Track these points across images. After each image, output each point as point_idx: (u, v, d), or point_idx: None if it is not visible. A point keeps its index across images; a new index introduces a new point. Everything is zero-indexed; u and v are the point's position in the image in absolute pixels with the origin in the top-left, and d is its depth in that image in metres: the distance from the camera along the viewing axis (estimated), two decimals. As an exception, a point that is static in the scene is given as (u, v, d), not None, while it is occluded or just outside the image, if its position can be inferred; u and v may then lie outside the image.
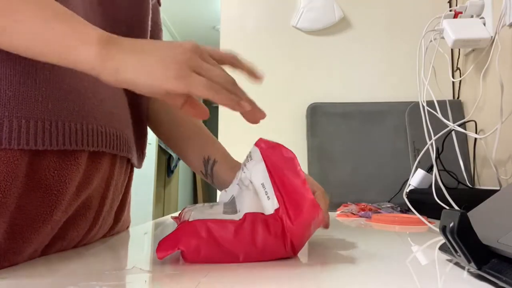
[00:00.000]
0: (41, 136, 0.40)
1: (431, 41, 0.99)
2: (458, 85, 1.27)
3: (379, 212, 0.93)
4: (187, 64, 0.37)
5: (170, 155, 4.04)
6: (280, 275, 0.36)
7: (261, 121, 0.43)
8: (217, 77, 0.38)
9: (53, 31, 0.35)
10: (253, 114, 0.42)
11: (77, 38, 0.36)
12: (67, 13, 0.37)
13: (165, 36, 4.80)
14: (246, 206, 0.42)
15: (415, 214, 0.73)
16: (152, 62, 0.36)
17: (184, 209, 0.48)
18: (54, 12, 0.37)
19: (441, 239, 0.38)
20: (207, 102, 0.44)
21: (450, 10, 1.05)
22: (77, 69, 0.37)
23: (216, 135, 1.18)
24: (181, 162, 4.37)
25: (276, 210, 0.41)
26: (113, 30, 0.53)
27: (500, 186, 0.90)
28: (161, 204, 4.73)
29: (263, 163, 0.44)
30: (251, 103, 0.41)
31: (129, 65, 0.36)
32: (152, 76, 0.36)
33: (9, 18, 0.35)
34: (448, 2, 1.29)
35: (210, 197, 5.72)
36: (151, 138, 1.68)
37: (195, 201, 6.13)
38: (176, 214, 0.59)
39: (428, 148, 0.82)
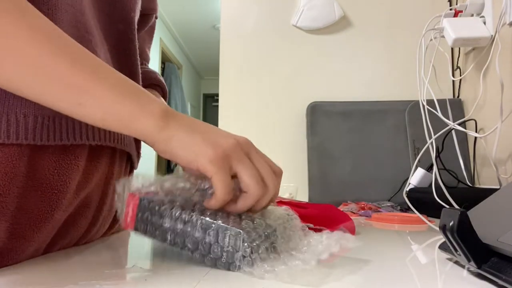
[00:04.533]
0: (40, 131, 0.40)
1: (431, 40, 0.99)
2: (458, 84, 1.27)
3: (379, 211, 0.93)
4: (226, 153, 0.38)
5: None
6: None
7: (262, 120, 0.43)
8: (250, 177, 0.38)
9: (123, 108, 0.38)
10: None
11: (142, 113, 0.39)
12: (135, 89, 0.40)
13: (165, 35, 4.78)
14: None
15: (415, 213, 0.73)
16: (198, 140, 0.39)
17: None
18: (123, 89, 0.39)
19: (441, 238, 0.38)
20: (207, 100, 0.44)
21: (450, 9, 1.05)
22: (134, 136, 0.40)
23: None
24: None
25: None
26: (110, 27, 0.53)
27: (500, 185, 0.90)
28: (161, 203, 4.73)
29: None
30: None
31: (179, 138, 0.39)
32: (192, 152, 0.38)
33: (84, 96, 0.37)
34: (448, 1, 1.29)
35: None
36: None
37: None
38: None
39: (428, 147, 0.82)
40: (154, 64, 4.03)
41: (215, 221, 0.37)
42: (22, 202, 0.41)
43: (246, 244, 0.35)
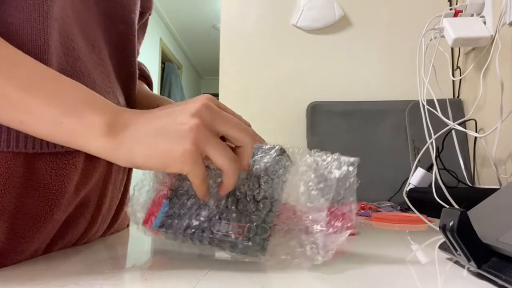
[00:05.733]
0: (39, 140, 0.41)
1: (431, 39, 0.99)
2: (458, 84, 1.27)
3: (379, 211, 0.93)
4: (193, 142, 0.36)
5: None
6: (278, 274, 0.36)
7: (261, 120, 0.43)
8: (222, 157, 0.38)
9: (62, 126, 0.37)
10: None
11: (85, 132, 0.37)
12: (78, 100, 0.38)
13: (165, 35, 4.77)
14: None
15: (415, 213, 0.73)
16: (160, 141, 0.37)
17: None
18: (63, 103, 0.37)
19: (441, 238, 0.38)
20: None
21: (450, 9, 1.05)
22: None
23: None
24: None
25: None
26: (111, 28, 0.53)
27: (500, 185, 0.90)
28: (161, 203, 4.73)
29: None
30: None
31: (138, 153, 0.37)
32: (160, 161, 0.37)
33: (22, 114, 0.36)
34: (448, 0, 1.29)
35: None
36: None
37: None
38: None
39: (428, 147, 0.82)
40: (154, 64, 4.03)
41: (227, 236, 0.38)
42: (21, 202, 0.41)
43: (264, 250, 0.37)
